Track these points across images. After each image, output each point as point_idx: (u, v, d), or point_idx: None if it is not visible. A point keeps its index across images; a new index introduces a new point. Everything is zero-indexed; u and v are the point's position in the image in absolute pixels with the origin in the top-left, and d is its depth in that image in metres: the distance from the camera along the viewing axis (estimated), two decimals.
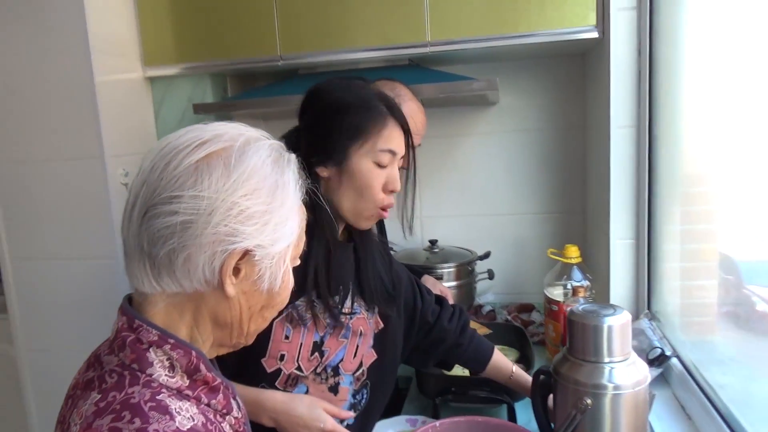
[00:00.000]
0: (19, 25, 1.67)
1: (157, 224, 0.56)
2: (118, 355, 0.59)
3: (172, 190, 0.56)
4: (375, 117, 0.98)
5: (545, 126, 2.05)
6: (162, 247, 0.57)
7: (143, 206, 0.57)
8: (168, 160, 0.58)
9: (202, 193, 0.56)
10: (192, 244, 0.56)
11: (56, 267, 1.80)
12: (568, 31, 1.60)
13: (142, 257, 0.58)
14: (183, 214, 0.56)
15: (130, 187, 0.60)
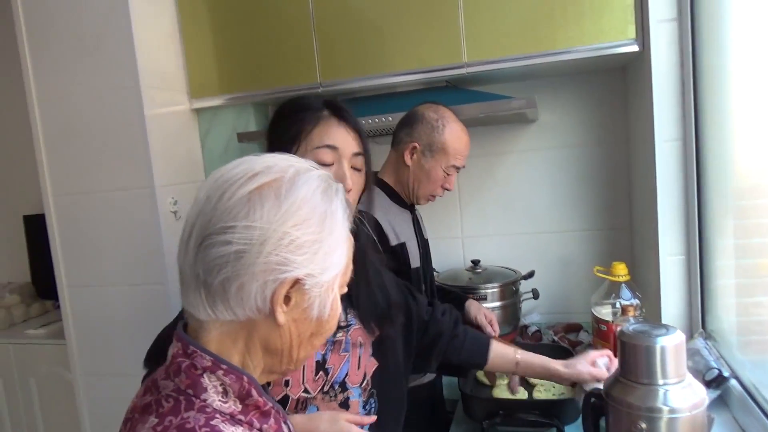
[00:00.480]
0: (76, 65, 1.77)
1: (212, 254, 0.58)
2: (173, 380, 0.61)
3: (226, 220, 0.58)
4: (308, 117, 0.97)
5: (587, 141, 2.02)
6: (216, 275, 0.58)
7: (199, 236, 0.60)
8: (222, 192, 0.60)
9: (255, 224, 0.58)
10: (245, 273, 0.58)
11: (110, 293, 1.87)
12: (608, 46, 1.58)
13: (198, 285, 0.60)
14: (236, 243, 0.57)
15: (186, 217, 0.63)
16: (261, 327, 0.62)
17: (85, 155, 1.82)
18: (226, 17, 1.88)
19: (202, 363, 0.61)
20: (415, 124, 1.49)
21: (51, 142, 1.84)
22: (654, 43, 1.47)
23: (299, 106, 1.00)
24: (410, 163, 1.50)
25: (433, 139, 1.47)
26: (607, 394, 0.98)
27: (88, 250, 1.87)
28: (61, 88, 1.80)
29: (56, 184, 1.86)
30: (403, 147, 1.50)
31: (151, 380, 0.65)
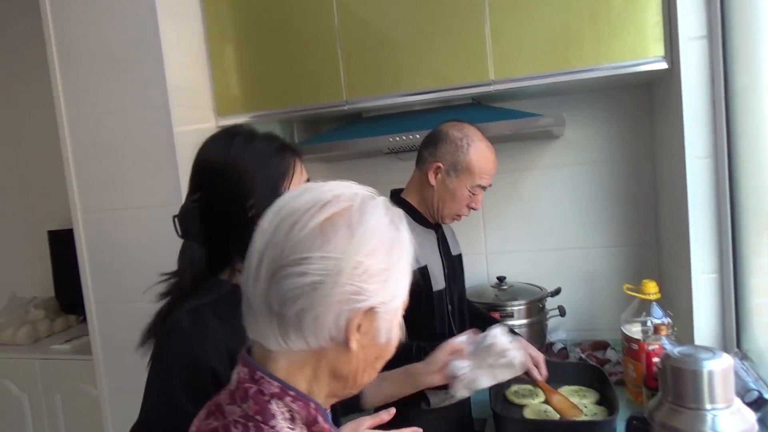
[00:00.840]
0: (106, 83, 1.79)
1: (287, 285, 0.59)
2: (240, 406, 0.61)
3: (301, 251, 0.59)
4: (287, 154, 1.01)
5: (611, 157, 2.01)
6: (292, 307, 0.59)
7: (271, 267, 0.60)
8: (293, 222, 0.60)
9: (330, 254, 0.58)
10: (321, 303, 0.59)
11: (137, 310, 1.87)
12: (635, 63, 1.59)
13: (271, 316, 0.61)
14: (312, 275, 0.58)
15: (250, 247, 0.63)
16: (330, 354, 0.63)
17: (113, 172, 1.83)
18: (252, 36, 1.90)
19: (270, 389, 0.61)
20: (439, 143, 1.45)
21: (80, 159, 1.87)
22: (684, 60, 1.47)
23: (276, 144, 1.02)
24: (434, 183, 1.46)
25: (457, 158, 1.43)
26: (651, 418, 0.96)
27: (115, 267, 1.88)
28: (91, 106, 1.83)
29: (85, 201, 1.88)
30: (427, 166, 1.47)
31: (214, 404, 0.65)
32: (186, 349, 0.88)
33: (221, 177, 0.98)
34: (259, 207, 0.96)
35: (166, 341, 0.91)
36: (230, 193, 0.97)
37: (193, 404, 0.83)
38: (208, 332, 0.90)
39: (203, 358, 0.88)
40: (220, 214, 0.98)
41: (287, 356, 0.63)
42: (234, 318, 0.92)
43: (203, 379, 0.87)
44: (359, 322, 0.61)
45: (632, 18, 1.57)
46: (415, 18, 1.73)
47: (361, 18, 1.78)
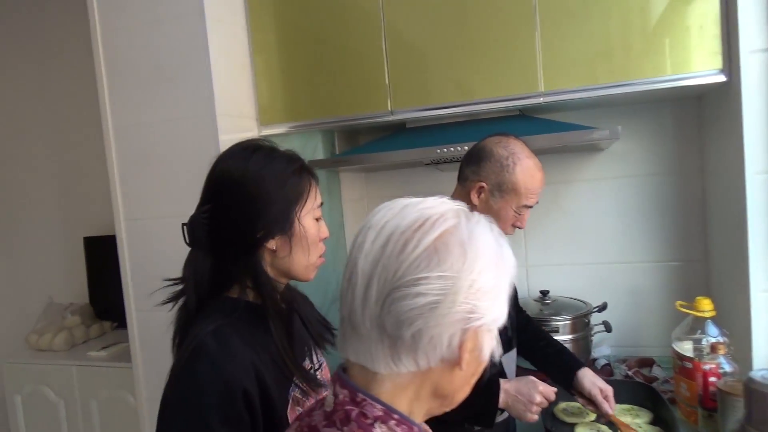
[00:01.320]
0: (152, 93, 1.80)
1: (403, 306, 0.57)
2: (341, 429, 0.60)
3: (417, 271, 0.57)
4: (304, 178, 1.00)
5: (657, 171, 1.98)
6: (408, 329, 0.57)
7: (384, 288, 0.58)
8: (404, 241, 0.59)
9: (446, 273, 0.57)
10: (438, 324, 0.57)
11: None
12: (691, 76, 1.55)
13: (382, 338, 0.59)
14: (430, 295, 0.57)
15: (351, 268, 0.62)
16: (435, 374, 0.61)
17: (157, 181, 1.84)
18: (297, 46, 1.90)
19: (373, 412, 0.60)
20: (483, 161, 1.35)
21: (124, 168, 1.87)
22: (744, 73, 1.44)
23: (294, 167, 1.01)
24: (477, 203, 1.37)
25: (502, 178, 1.33)
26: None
27: (156, 275, 1.87)
28: (136, 115, 1.84)
29: (128, 209, 1.89)
30: (470, 185, 1.37)
31: (308, 426, 0.64)
32: (218, 374, 0.87)
33: (235, 192, 0.98)
34: (269, 228, 0.96)
35: (192, 364, 0.89)
36: (242, 209, 0.97)
37: (227, 429, 0.84)
38: (236, 353, 0.89)
39: (236, 380, 0.87)
40: (228, 229, 0.97)
41: (393, 378, 0.61)
42: (254, 336, 0.94)
43: (237, 402, 0.86)
44: (471, 341, 0.59)
45: (689, 31, 1.54)
46: (464, 28, 1.72)
47: (408, 29, 1.77)
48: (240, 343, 0.91)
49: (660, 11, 1.56)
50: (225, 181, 1.01)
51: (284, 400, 0.95)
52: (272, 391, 0.92)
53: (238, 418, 0.87)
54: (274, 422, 0.92)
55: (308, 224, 1.01)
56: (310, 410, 0.68)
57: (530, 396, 1.26)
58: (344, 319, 0.62)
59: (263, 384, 0.91)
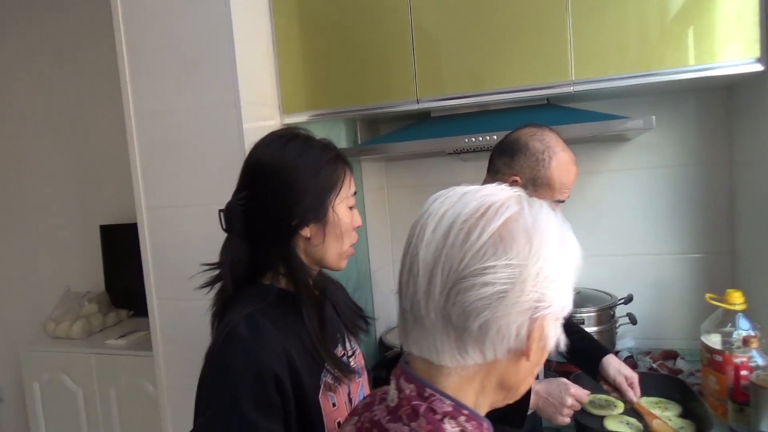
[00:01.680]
0: (175, 81, 1.78)
1: (470, 297, 0.55)
2: (409, 425, 0.58)
3: (483, 260, 0.55)
4: (339, 166, 1.01)
5: (684, 161, 1.95)
6: (476, 319, 0.56)
7: (449, 279, 0.56)
8: (467, 230, 0.57)
9: (513, 261, 0.55)
10: (506, 314, 0.56)
11: (199, 308, 1.86)
12: (728, 65, 1.52)
13: (447, 330, 0.57)
14: (497, 284, 0.55)
15: (411, 258, 0.60)
16: (501, 365, 0.60)
17: (179, 169, 1.82)
18: (321, 33, 1.87)
19: (443, 408, 0.58)
20: (518, 153, 1.31)
21: (146, 156, 1.85)
22: None
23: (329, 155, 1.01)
24: None
25: (537, 173, 1.29)
26: None
27: (179, 264, 1.87)
28: (158, 102, 1.81)
29: (150, 197, 1.87)
30: (502, 178, 1.32)
31: (370, 421, 0.62)
32: (250, 359, 0.88)
33: (271, 180, 0.99)
34: (304, 215, 0.97)
35: (224, 349, 0.90)
36: (277, 197, 0.98)
37: (259, 414, 0.85)
38: (267, 339, 0.91)
39: (267, 366, 0.88)
40: (263, 216, 0.99)
41: (459, 371, 0.60)
42: (286, 322, 0.95)
43: (268, 387, 0.87)
44: (538, 330, 0.58)
45: (726, 18, 1.51)
46: (494, 16, 1.69)
47: (436, 16, 1.74)
48: (272, 328, 0.92)
49: (699, 1, 1.53)
50: (260, 169, 1.02)
51: (316, 385, 0.96)
52: (303, 377, 0.93)
53: (269, 403, 0.87)
54: (305, 407, 0.93)
55: (342, 213, 1.01)
56: (368, 404, 0.67)
57: (561, 398, 1.25)
58: (406, 311, 0.61)
59: (294, 369, 0.92)
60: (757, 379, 1.40)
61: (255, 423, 0.85)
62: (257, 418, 0.85)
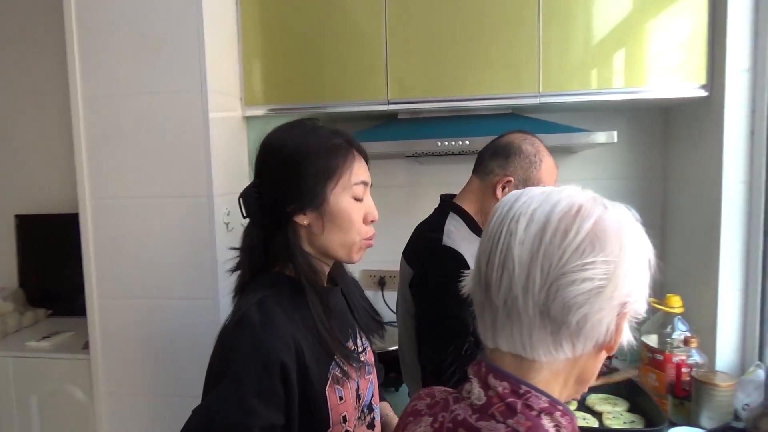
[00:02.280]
0: (134, 63, 1.66)
1: (570, 292, 0.57)
2: (504, 422, 0.59)
3: (583, 257, 0.57)
4: (342, 153, 0.98)
5: (622, 175, 2.11)
6: (575, 314, 0.57)
7: (549, 275, 0.58)
8: (564, 228, 0.59)
9: (608, 258, 0.58)
10: (601, 308, 0.58)
11: (148, 307, 1.75)
12: (677, 89, 1.67)
13: (544, 325, 0.59)
14: (596, 279, 0.57)
15: (506, 256, 0.60)
16: (583, 360, 0.62)
17: (134, 157, 1.70)
18: (290, 25, 1.83)
19: (539, 404, 0.59)
20: (511, 156, 1.39)
21: (94, 141, 1.71)
22: (729, 90, 1.57)
23: (332, 141, 0.99)
24: (501, 196, 1.39)
25: (530, 174, 1.38)
26: (756, 427, 1.02)
27: (125, 260, 1.74)
28: (112, 85, 1.68)
29: (96, 187, 1.72)
30: (495, 179, 1.40)
31: (453, 421, 0.62)
32: (258, 346, 0.87)
33: (273, 164, 0.99)
34: (299, 202, 0.96)
35: (234, 334, 0.90)
36: (276, 181, 0.98)
37: (259, 401, 0.85)
38: (277, 326, 0.90)
39: (274, 353, 0.87)
40: (273, 202, 0.98)
41: (549, 366, 0.61)
42: (296, 311, 0.94)
43: (273, 376, 0.87)
44: (622, 325, 0.61)
45: (677, 47, 1.66)
46: (467, 25, 1.74)
47: (411, 20, 1.76)
48: (283, 316, 0.92)
49: (654, 26, 1.67)
50: (267, 153, 1.01)
51: (323, 377, 0.95)
52: (311, 367, 0.92)
53: (272, 392, 0.87)
54: (310, 398, 0.93)
55: (342, 202, 0.98)
56: (443, 406, 0.66)
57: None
58: (497, 307, 0.61)
59: (302, 358, 0.91)
60: (699, 376, 1.54)
61: (254, 410, 0.84)
62: (257, 405, 0.85)
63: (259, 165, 1.02)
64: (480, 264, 0.65)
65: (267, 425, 0.86)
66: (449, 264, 1.31)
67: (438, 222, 1.41)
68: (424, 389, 0.77)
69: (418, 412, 0.70)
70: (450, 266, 1.32)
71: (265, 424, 0.85)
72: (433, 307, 1.31)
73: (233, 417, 0.84)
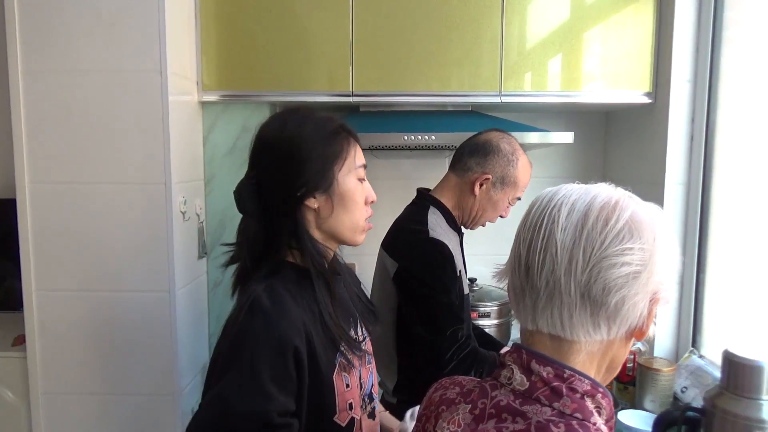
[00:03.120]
0: (84, 39, 1.55)
1: (611, 274, 0.60)
2: (550, 405, 0.61)
3: (623, 243, 0.61)
4: (342, 137, 1.01)
5: (564, 175, 2.22)
6: (614, 295, 0.61)
7: (592, 258, 0.61)
8: (605, 217, 0.62)
9: (645, 246, 0.62)
10: (637, 292, 0.61)
11: (95, 300, 1.64)
12: (626, 95, 1.80)
13: (585, 305, 0.62)
14: (633, 264, 0.61)
15: (548, 240, 0.63)
16: (614, 345, 0.65)
17: (81, 140, 1.58)
18: (255, 9, 1.77)
19: (582, 387, 0.62)
20: (490, 154, 1.42)
21: (35, 121, 1.57)
22: (673, 99, 1.70)
23: (332, 126, 1.01)
24: (478, 193, 1.44)
25: (507, 172, 1.43)
26: (712, 405, 1.12)
27: (68, 250, 1.62)
28: (58, 61, 1.55)
29: (36, 170, 1.59)
30: (473, 176, 1.44)
31: (496, 407, 0.63)
32: (272, 330, 0.88)
33: (274, 153, 0.99)
34: (309, 185, 0.97)
35: (247, 319, 0.89)
36: (281, 169, 0.98)
37: (274, 386, 0.85)
38: (288, 311, 0.90)
39: (287, 337, 0.88)
40: (271, 191, 0.98)
41: (586, 348, 0.64)
42: (302, 298, 0.96)
43: (287, 360, 0.87)
44: (654, 310, 0.65)
45: (627, 56, 1.78)
46: (433, 22, 1.76)
47: (378, 13, 1.76)
48: (292, 302, 0.92)
49: (606, 37, 1.78)
50: (264, 144, 1.01)
51: (331, 363, 0.95)
52: (320, 353, 0.92)
53: (286, 375, 0.87)
54: (319, 383, 0.93)
55: (349, 183, 1.00)
56: (480, 393, 0.67)
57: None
58: (538, 289, 0.63)
59: (312, 344, 0.91)
60: (643, 362, 1.66)
61: (271, 394, 0.84)
62: (273, 390, 0.84)
63: (257, 156, 1.01)
64: (519, 250, 0.67)
65: (283, 411, 0.85)
66: (438, 255, 1.34)
67: (419, 215, 1.42)
68: (444, 380, 0.77)
69: (451, 401, 0.71)
70: (439, 257, 1.35)
71: (281, 410, 0.85)
72: (426, 295, 1.34)
73: (251, 403, 0.83)
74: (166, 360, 1.63)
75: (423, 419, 0.75)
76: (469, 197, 1.46)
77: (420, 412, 0.77)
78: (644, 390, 1.64)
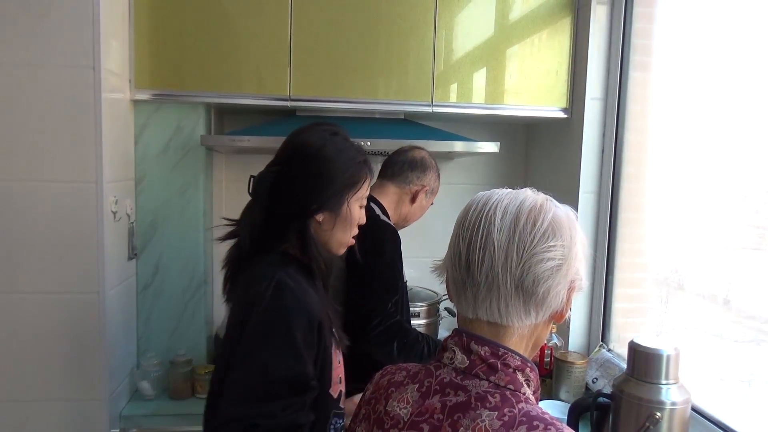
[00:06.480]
0: (11, 31, 1.48)
1: (540, 268, 0.70)
2: (487, 379, 0.70)
3: (548, 241, 0.71)
4: (364, 169, 1.17)
5: (491, 182, 2.35)
6: (542, 286, 0.71)
7: (524, 254, 0.70)
8: (533, 219, 0.72)
9: (564, 243, 0.72)
10: (560, 282, 0.72)
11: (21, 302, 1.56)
12: (546, 110, 1.95)
13: (518, 295, 0.71)
14: (556, 259, 0.71)
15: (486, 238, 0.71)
16: (539, 327, 0.75)
17: (7, 135, 1.51)
18: (191, 7, 1.76)
19: (514, 362, 0.71)
20: (427, 170, 1.68)
21: None
22: (586, 115, 1.86)
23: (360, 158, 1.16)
24: (415, 202, 1.69)
25: (436, 185, 1.72)
26: (620, 390, 1.25)
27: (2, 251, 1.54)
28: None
29: None
30: (415, 188, 1.67)
31: (441, 383, 0.72)
32: (301, 305, 1.02)
33: (308, 163, 1.12)
34: (324, 204, 1.11)
35: (278, 298, 1.01)
36: (307, 180, 1.12)
37: (309, 354, 1.01)
38: (309, 292, 1.06)
39: (314, 312, 1.04)
40: (289, 193, 1.11)
41: (519, 330, 0.73)
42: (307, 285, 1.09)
43: (314, 330, 1.03)
44: (571, 297, 0.76)
45: (548, 74, 1.93)
46: (370, 30, 1.83)
47: (317, 18, 1.80)
48: (307, 285, 1.07)
49: (528, 56, 1.93)
50: (302, 150, 1.13)
51: (330, 340, 1.10)
52: (326, 330, 1.07)
53: (314, 344, 1.03)
54: (325, 356, 1.08)
55: (354, 209, 1.16)
56: (426, 373, 0.75)
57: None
58: (478, 283, 0.72)
59: (324, 321, 1.07)
60: (559, 356, 1.80)
61: (306, 361, 1.00)
62: (308, 357, 1.00)
63: (288, 157, 1.13)
64: (459, 247, 0.74)
65: (313, 375, 1.02)
66: (388, 233, 1.55)
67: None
68: (389, 366, 0.84)
69: (399, 383, 0.77)
70: (390, 234, 1.56)
71: (313, 375, 1.01)
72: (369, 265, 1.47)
73: (293, 367, 0.98)
74: (95, 364, 1.58)
75: (373, 402, 0.81)
76: (406, 205, 1.69)
77: (367, 396, 0.83)
78: (560, 382, 1.78)
